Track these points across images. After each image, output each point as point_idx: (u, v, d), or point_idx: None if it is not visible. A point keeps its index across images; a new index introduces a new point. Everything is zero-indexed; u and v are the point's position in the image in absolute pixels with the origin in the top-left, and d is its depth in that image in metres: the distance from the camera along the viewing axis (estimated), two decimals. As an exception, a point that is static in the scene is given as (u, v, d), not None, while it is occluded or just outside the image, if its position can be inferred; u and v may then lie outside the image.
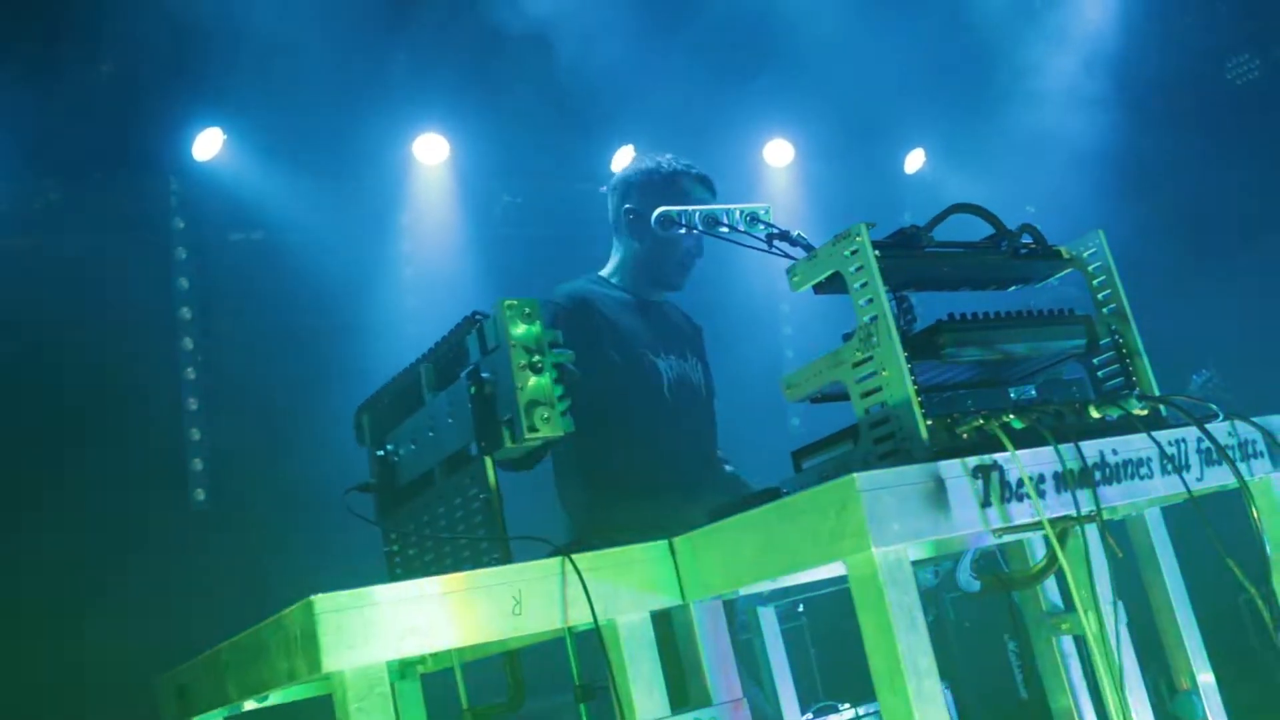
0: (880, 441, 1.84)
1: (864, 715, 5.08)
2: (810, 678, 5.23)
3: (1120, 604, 2.55)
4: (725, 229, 2.73)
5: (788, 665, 3.51)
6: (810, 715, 4.41)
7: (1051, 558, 2.27)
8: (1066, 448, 1.85)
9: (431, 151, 5.86)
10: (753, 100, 6.49)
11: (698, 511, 3.26)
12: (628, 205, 3.49)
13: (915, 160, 7.25)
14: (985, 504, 1.76)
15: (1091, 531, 2.56)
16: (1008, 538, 2.52)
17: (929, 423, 1.80)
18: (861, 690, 5.23)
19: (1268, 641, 5.86)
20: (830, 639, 5.44)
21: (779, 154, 6.87)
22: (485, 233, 5.93)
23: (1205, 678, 2.56)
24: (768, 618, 3.49)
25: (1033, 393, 2.47)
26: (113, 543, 4.75)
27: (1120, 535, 2.30)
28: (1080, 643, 2.75)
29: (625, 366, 3.30)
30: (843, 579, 3.00)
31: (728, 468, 3.59)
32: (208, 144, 5.35)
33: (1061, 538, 2.26)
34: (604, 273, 3.54)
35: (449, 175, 5.93)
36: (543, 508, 3.33)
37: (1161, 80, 6.56)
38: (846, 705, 5.19)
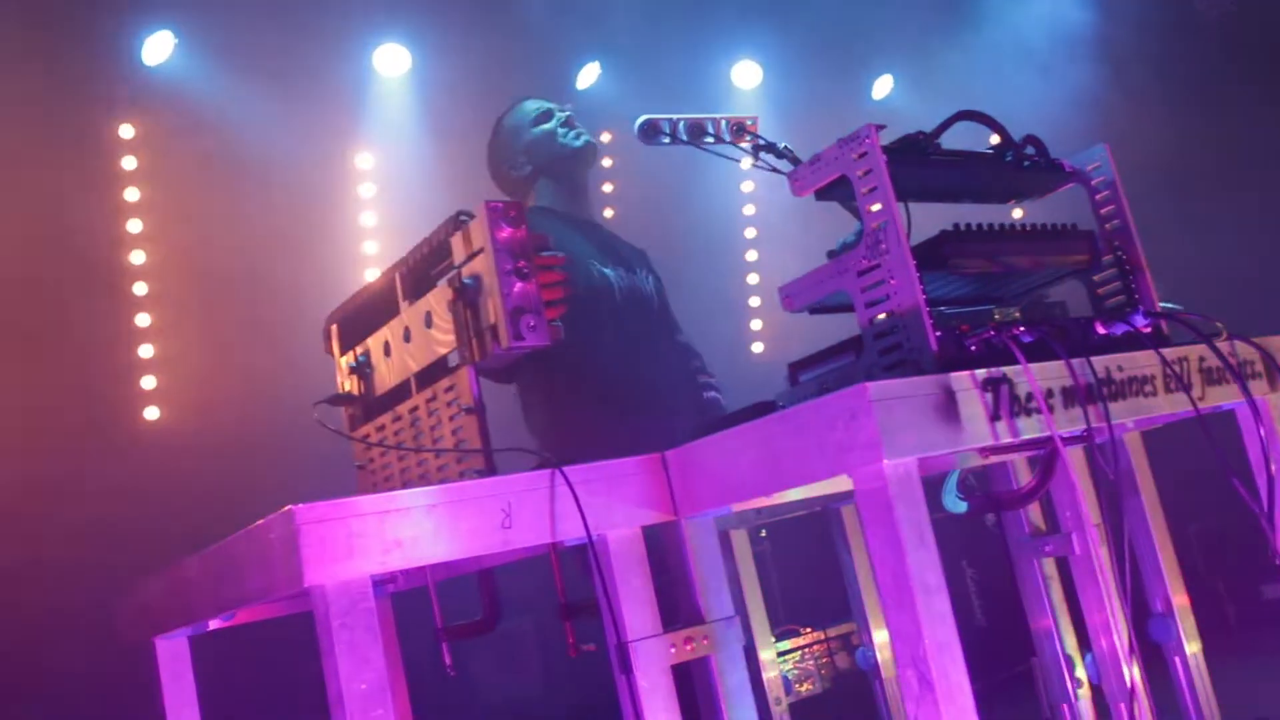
0: (886, 352, 1.78)
1: (826, 639, 5.12)
2: (773, 602, 5.24)
3: (1103, 526, 2.53)
4: (711, 139, 2.62)
5: (759, 587, 3.48)
6: (773, 638, 4.41)
7: (1044, 477, 2.23)
8: (1078, 362, 1.79)
9: (392, 63, 5.67)
10: (721, 19, 6.35)
11: (661, 423, 3.22)
12: (505, 167, 3.61)
13: (883, 86, 7.15)
14: (995, 418, 1.70)
15: (1078, 453, 2.54)
16: (994, 458, 2.50)
17: (938, 334, 1.73)
18: (821, 615, 5.27)
19: (1214, 568, 5.98)
20: (792, 564, 5.44)
21: (747, 75, 6.74)
22: (446, 149, 5.75)
23: (1179, 600, 2.56)
24: (740, 540, 3.45)
25: (1015, 313, 2.42)
26: (63, 465, 4.60)
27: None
28: (1062, 565, 2.74)
29: (573, 276, 3.25)
30: (809, 501, 2.97)
31: (709, 393, 3.53)
32: (158, 47, 5.11)
33: (1051, 458, 2.22)
34: (532, 205, 3.55)
35: (410, 88, 5.75)
36: (511, 422, 3.26)
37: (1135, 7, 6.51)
38: (808, 628, 5.23)
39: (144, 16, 5.06)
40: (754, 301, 6.97)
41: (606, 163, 6.32)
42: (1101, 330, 1.97)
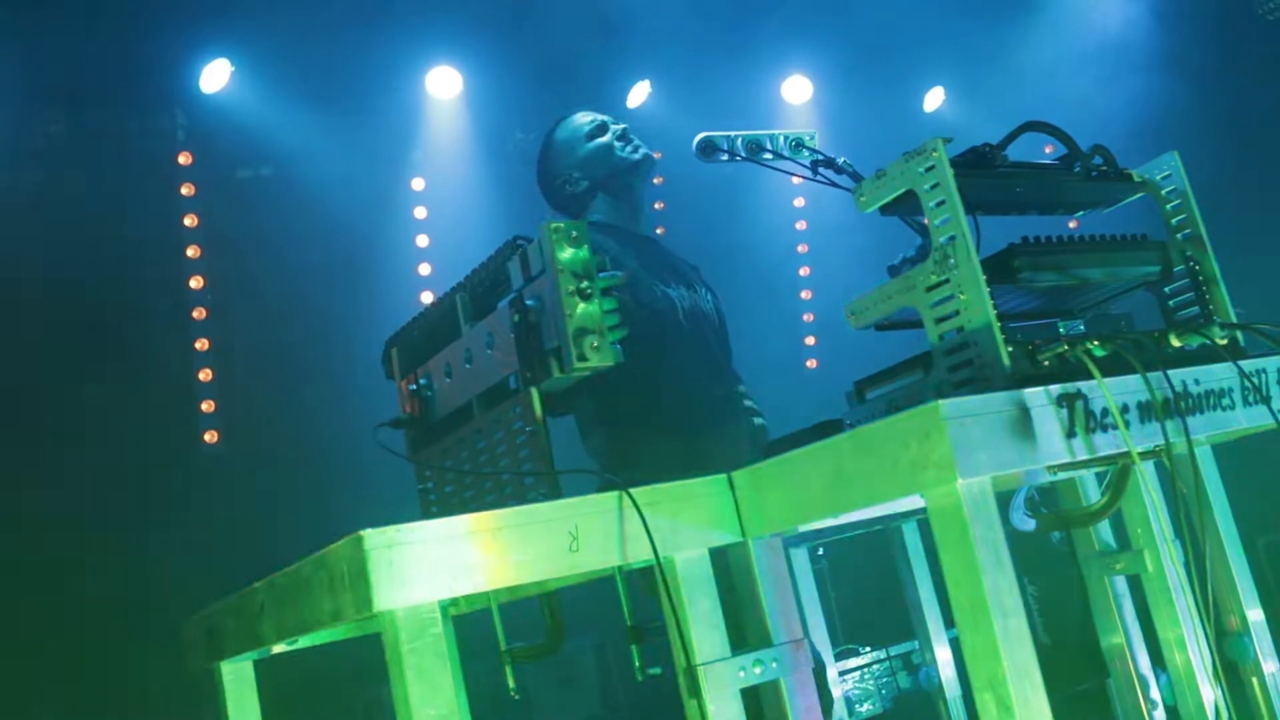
0: (956, 369, 1.74)
1: (887, 658, 5.06)
2: (831, 621, 5.19)
3: (1178, 542, 2.46)
4: (769, 155, 2.61)
5: (820, 606, 3.45)
6: (833, 658, 4.38)
7: (1116, 493, 2.18)
8: (1154, 376, 1.75)
9: (445, 85, 5.71)
10: (770, 35, 6.34)
11: (722, 446, 3.18)
12: (560, 183, 3.49)
13: (935, 98, 7.10)
14: (1070, 434, 1.66)
15: (1147, 469, 2.48)
16: (1061, 474, 2.45)
17: (1009, 349, 1.70)
18: (880, 634, 5.21)
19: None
20: (849, 583, 5.40)
21: (797, 90, 6.72)
22: (499, 170, 5.79)
23: (1255, 615, 2.48)
24: (799, 559, 3.42)
25: (1081, 327, 2.37)
26: (126, 490, 4.65)
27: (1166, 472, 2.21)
28: (1134, 582, 2.67)
29: (637, 296, 3.20)
30: (870, 520, 2.92)
31: (757, 420, 3.49)
32: (215, 76, 5.19)
33: (1123, 474, 2.17)
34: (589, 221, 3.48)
35: (462, 110, 5.79)
36: (571, 445, 3.24)
37: (1191, 14, 6.40)
38: (867, 648, 5.17)
39: (201, 45, 5.15)
40: (807, 316, 6.93)
41: (657, 180, 6.32)
42: (1176, 343, 1.93)
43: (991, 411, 1.58)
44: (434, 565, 1.58)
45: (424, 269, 5.72)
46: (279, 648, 2.25)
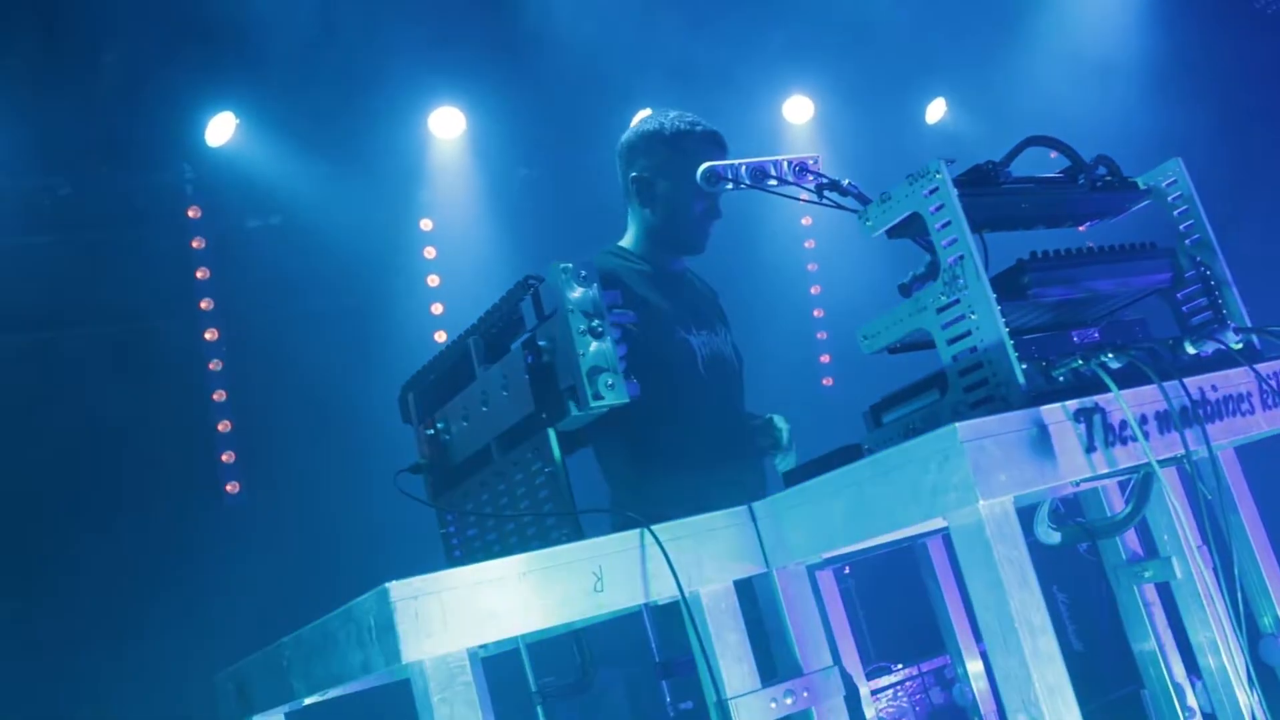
0: (972, 389, 1.74)
1: (920, 674, 5.02)
2: (861, 639, 5.15)
3: (1205, 547, 2.45)
4: (774, 181, 2.61)
5: (849, 628, 3.42)
6: (865, 678, 4.34)
7: (1140, 502, 2.17)
8: (1171, 386, 1.74)
9: (448, 125, 5.74)
10: (770, 57, 6.35)
11: (740, 482, 3.18)
12: (634, 173, 3.33)
13: (936, 110, 7.10)
14: (1090, 449, 1.65)
15: (1172, 475, 2.47)
16: (1084, 485, 2.44)
17: (1024, 366, 1.70)
18: (911, 651, 5.17)
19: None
20: (878, 601, 5.36)
21: (799, 110, 6.73)
22: (505, 206, 5.82)
23: (1290, 615, 2.46)
24: (825, 580, 3.40)
25: (1095, 336, 2.36)
26: (152, 545, 4.67)
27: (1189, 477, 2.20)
28: (1163, 589, 2.65)
29: (659, 344, 3.17)
30: (895, 540, 2.91)
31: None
32: (220, 129, 5.24)
33: (1145, 483, 2.16)
34: (623, 244, 3.39)
35: (466, 149, 5.82)
36: (591, 482, 3.24)
37: (1193, 13, 6.40)
38: (899, 665, 5.13)
39: (205, 99, 5.20)
40: (821, 335, 6.93)
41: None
42: (1191, 350, 1.92)
43: (1009, 431, 1.58)
44: (460, 614, 1.58)
45: (437, 308, 5.74)
46: (311, 699, 2.25)
